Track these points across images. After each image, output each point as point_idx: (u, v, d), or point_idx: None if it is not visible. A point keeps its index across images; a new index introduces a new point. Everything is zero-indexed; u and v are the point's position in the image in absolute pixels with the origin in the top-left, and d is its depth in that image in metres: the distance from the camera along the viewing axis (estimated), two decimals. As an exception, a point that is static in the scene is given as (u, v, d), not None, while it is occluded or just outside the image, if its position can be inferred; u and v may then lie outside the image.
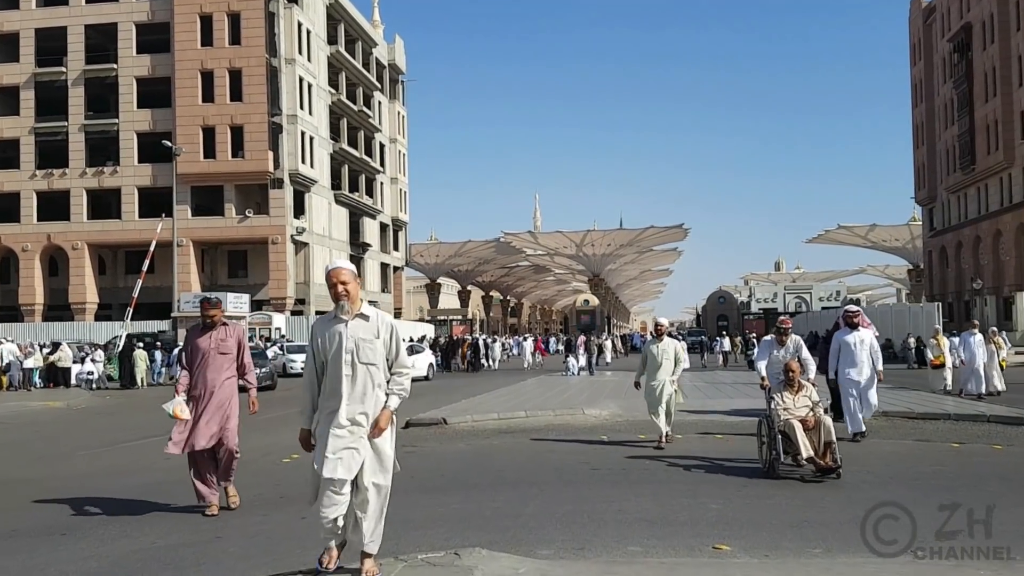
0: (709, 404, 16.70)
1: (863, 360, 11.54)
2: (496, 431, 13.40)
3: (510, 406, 16.48)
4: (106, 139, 53.10)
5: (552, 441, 12.13)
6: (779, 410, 8.74)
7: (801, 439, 8.36)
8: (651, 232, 78.35)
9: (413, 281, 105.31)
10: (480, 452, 11.12)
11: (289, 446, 11.55)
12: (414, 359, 25.75)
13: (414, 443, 12.02)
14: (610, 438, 12.16)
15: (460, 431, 13.43)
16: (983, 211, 57.15)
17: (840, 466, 8.29)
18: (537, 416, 14.97)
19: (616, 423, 14.14)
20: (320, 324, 5.10)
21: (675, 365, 11.31)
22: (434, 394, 22.72)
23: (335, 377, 4.86)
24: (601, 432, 13.00)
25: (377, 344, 4.88)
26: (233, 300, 38.74)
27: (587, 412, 15.27)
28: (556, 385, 24.01)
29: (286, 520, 7.00)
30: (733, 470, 9.09)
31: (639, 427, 13.05)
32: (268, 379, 24.92)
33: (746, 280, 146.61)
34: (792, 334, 10.17)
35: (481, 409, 15.91)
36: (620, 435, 12.55)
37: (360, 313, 4.93)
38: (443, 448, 11.59)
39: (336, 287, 4.92)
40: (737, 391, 20.43)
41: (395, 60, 73.39)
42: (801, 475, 8.48)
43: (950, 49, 60.67)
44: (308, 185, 53.92)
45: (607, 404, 16.70)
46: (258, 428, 14.63)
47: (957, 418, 13.62)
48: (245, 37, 50.70)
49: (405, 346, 5.19)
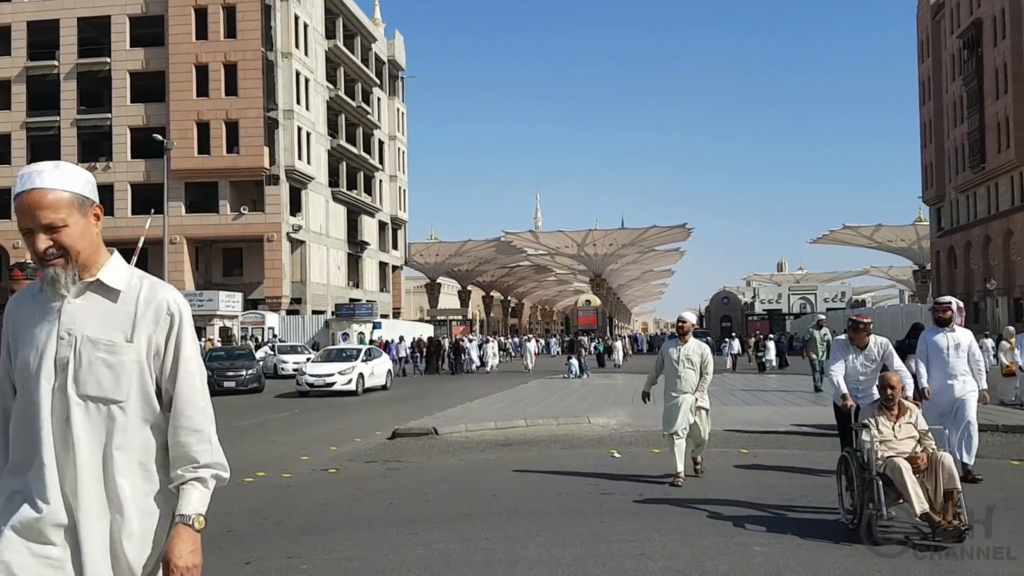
0: (726, 412, 15.53)
1: (961, 372, 8.28)
2: (493, 443, 12.25)
3: (509, 414, 15.29)
4: (99, 134, 51.96)
5: (555, 456, 10.91)
6: (875, 444, 6.20)
7: (911, 487, 5.87)
8: (654, 232, 77.32)
9: (413, 281, 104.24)
10: (473, 469, 9.95)
11: (260, 461, 10.47)
12: (371, 366, 24.48)
13: (400, 456, 10.96)
14: (621, 453, 10.96)
15: (452, 443, 12.27)
16: (993, 210, 56.04)
17: (969, 528, 5.73)
18: (538, 425, 13.81)
19: (625, 434, 12.99)
20: (13, 308, 2.38)
21: (700, 377, 8.64)
22: (426, 397, 21.79)
23: (27, 425, 2.24)
24: (609, 444, 11.88)
25: (128, 353, 2.25)
26: (225, 299, 37.67)
27: (593, 421, 14.10)
28: (558, 389, 22.85)
29: (223, 565, 5.53)
30: (771, 491, 7.93)
31: (651, 439, 11.90)
32: (255, 381, 23.84)
33: (748, 281, 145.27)
34: (876, 335, 7.64)
35: (476, 417, 14.75)
36: (631, 448, 11.35)
37: (95, 280, 2.28)
38: (431, 464, 10.47)
39: (35, 232, 2.20)
40: (754, 398, 19.29)
41: (395, 56, 72.24)
42: (905, 535, 6.06)
43: (959, 45, 59.53)
44: (305, 182, 52.80)
45: (614, 412, 15.55)
46: (230, 437, 13.66)
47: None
48: (241, 30, 49.57)
49: (196, 354, 2.36)
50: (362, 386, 23.29)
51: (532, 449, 11.60)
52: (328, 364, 23.61)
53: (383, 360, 26.22)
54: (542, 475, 9.26)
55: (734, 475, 9.20)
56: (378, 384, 24.72)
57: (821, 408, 14.59)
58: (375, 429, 13.89)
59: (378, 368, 25.08)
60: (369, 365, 24.36)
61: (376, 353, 26.34)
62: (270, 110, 49.74)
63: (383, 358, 26.45)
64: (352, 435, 13.46)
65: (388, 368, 26.38)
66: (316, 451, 11.67)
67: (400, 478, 9.25)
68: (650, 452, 10.82)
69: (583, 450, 11.37)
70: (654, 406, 9.59)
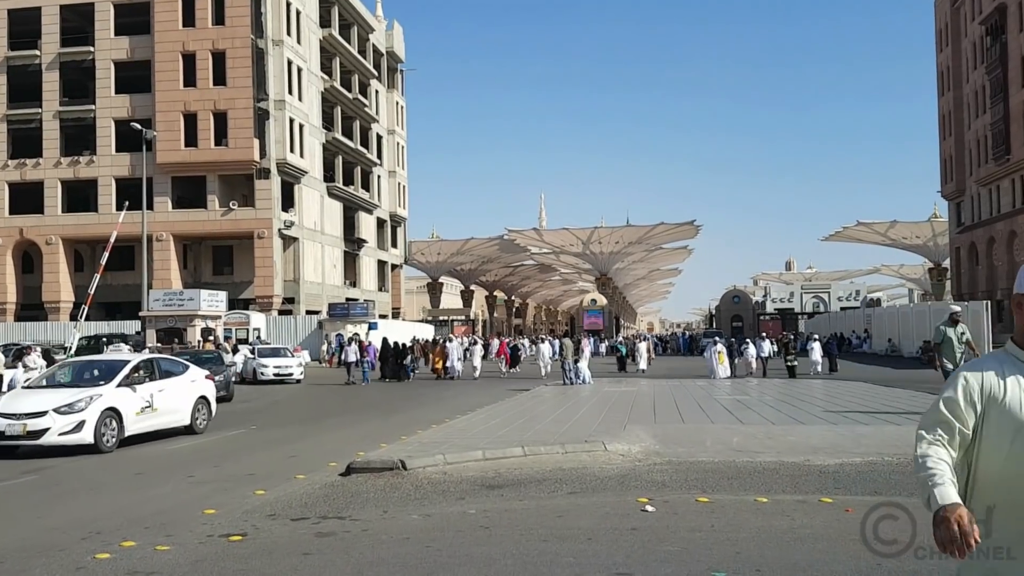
0: (776, 434, 12.51)
1: None
2: (478, 483, 9.39)
3: (502, 436, 12.59)
4: (82, 127, 49.78)
5: (562, 509, 7.88)
6: None
7: None
8: (661, 229, 74.83)
9: (415, 281, 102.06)
10: (441, 538, 6.91)
11: (149, 514, 7.98)
12: (163, 385, 14.13)
13: (345, 508, 8.13)
14: (654, 502, 7.86)
15: (423, 483, 9.36)
16: (1018, 204, 53.41)
17: None
18: (539, 454, 10.98)
19: (654, 467, 10.08)
20: None
21: None
22: (408, 411, 18.95)
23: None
24: (635, 485, 8.96)
25: None
26: (207, 297, 35.37)
27: (610, 448, 11.25)
28: (564, 400, 20.31)
29: None
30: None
31: (691, 476, 9.26)
32: (221, 389, 21.21)
33: (755, 280, 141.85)
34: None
35: (461, 441, 12.02)
36: (667, 494, 8.40)
37: None
38: (384, 524, 7.46)
39: None
40: (803, 412, 15.95)
41: (393, 48, 69.88)
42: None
43: (982, 32, 57.00)
44: (298, 176, 50.48)
45: (636, 433, 12.77)
46: (146, 470, 10.93)
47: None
48: (229, 17, 47.30)
49: None
50: (112, 434, 12.78)
51: (530, 494, 8.80)
52: (36, 395, 13.15)
53: (185, 381, 14.91)
54: (544, 550, 6.35)
55: (819, 535, 6.69)
56: (168, 425, 14.22)
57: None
58: (332, 459, 11.09)
59: (171, 396, 14.23)
60: (140, 392, 13.54)
61: (175, 368, 15.37)
62: (260, 100, 47.46)
63: (186, 377, 15.08)
64: (301, 467, 10.78)
65: (203, 394, 15.24)
66: (237, 495, 8.94)
67: (330, 556, 6.38)
68: (694, 500, 8.01)
69: (601, 497, 8.53)
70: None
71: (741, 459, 10.30)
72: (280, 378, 28.94)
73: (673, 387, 23.74)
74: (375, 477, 9.64)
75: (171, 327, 34.28)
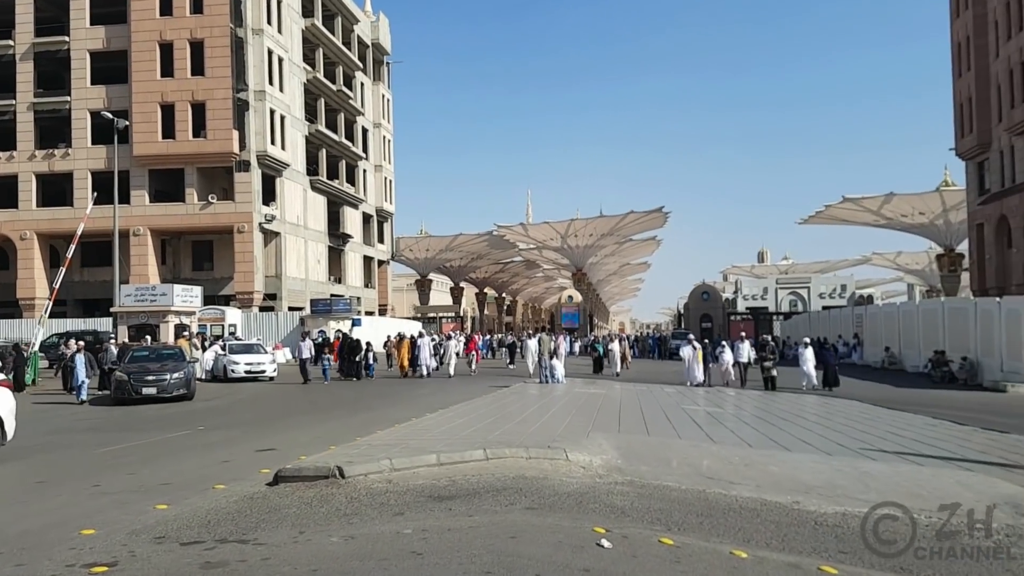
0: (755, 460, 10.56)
1: None
2: (424, 494, 8.19)
3: (465, 436, 11.56)
4: (57, 119, 48.38)
5: (512, 532, 6.62)
6: None
7: None
8: (632, 218, 73.26)
9: (405, 279, 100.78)
10: (354, 570, 5.50)
11: (18, 533, 6.87)
12: None
13: (253, 530, 6.78)
14: (612, 535, 6.54)
15: (360, 495, 8.13)
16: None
17: None
18: (504, 458, 9.88)
19: (614, 488, 8.78)
20: None
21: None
22: (378, 409, 17.86)
23: None
24: (592, 508, 7.73)
25: None
26: (181, 293, 34.11)
27: (571, 457, 10.24)
28: (538, 399, 19.34)
29: None
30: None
31: (653, 504, 7.94)
32: (182, 387, 20.13)
33: (725, 275, 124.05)
34: None
35: (418, 443, 10.83)
36: (627, 527, 6.98)
37: None
38: (294, 550, 6.10)
39: None
40: (786, 435, 13.36)
41: (379, 39, 68.61)
42: None
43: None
44: (279, 169, 49.23)
45: (598, 442, 11.69)
46: (53, 476, 9.88)
47: None
48: (208, 5, 46.01)
49: None
50: None
51: (484, 506, 7.68)
52: None
53: None
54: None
55: None
56: None
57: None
58: (267, 465, 9.96)
59: None
60: None
61: None
62: (240, 91, 46.19)
63: None
64: (229, 474, 9.68)
65: None
66: (132, 510, 7.74)
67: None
68: (656, 540, 6.51)
69: (557, 518, 7.28)
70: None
71: (713, 489, 8.73)
72: (253, 375, 27.78)
73: (640, 392, 22.07)
74: (305, 487, 8.42)
75: (143, 323, 33.02)
